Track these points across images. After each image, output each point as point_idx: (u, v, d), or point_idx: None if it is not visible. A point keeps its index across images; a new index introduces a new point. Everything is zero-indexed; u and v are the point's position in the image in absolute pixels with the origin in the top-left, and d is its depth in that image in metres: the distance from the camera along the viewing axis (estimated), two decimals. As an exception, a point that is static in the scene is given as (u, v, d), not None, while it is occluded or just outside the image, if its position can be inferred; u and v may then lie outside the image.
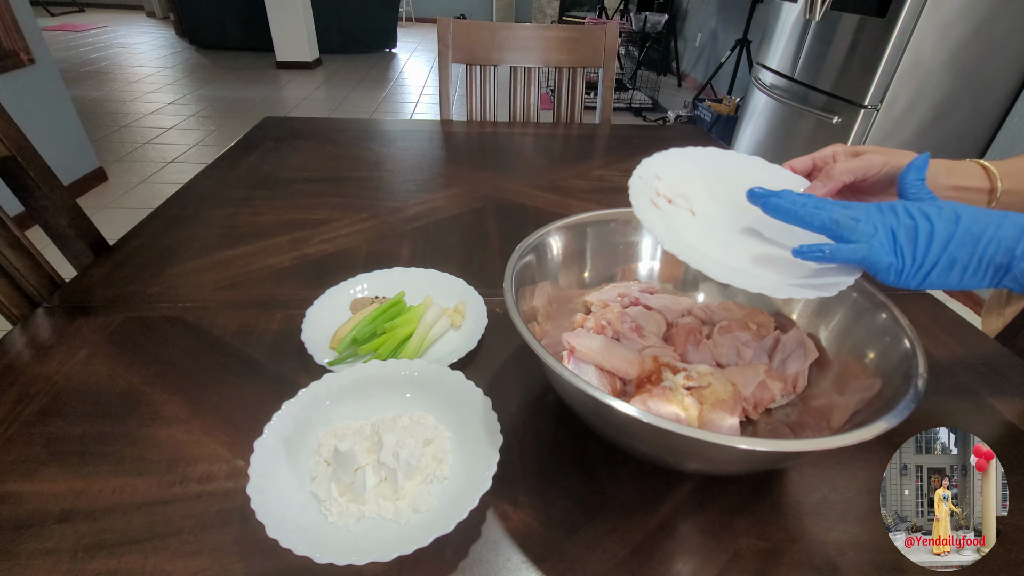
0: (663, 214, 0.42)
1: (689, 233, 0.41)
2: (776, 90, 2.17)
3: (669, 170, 0.46)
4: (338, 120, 1.22)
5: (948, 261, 0.33)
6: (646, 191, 0.42)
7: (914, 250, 0.33)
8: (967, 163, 0.45)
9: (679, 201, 0.44)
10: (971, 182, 0.44)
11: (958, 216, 0.33)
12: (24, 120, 0.73)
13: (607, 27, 1.24)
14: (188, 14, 4.89)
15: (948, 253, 0.33)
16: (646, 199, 0.42)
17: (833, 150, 0.46)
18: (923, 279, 0.34)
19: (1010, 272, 0.32)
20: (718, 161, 0.48)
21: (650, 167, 0.45)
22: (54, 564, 0.34)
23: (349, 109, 3.70)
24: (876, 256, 0.34)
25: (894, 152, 0.44)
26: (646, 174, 0.44)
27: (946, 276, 0.33)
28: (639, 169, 0.44)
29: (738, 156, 0.48)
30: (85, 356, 0.51)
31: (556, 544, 0.37)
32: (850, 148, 0.46)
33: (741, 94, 3.06)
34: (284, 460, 0.38)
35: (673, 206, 0.43)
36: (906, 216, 0.34)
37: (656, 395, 0.41)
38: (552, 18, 5.79)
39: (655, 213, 0.41)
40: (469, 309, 0.57)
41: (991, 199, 0.44)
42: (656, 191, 0.43)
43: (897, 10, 1.60)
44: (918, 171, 0.38)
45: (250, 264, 0.67)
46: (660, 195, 0.43)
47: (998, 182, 0.44)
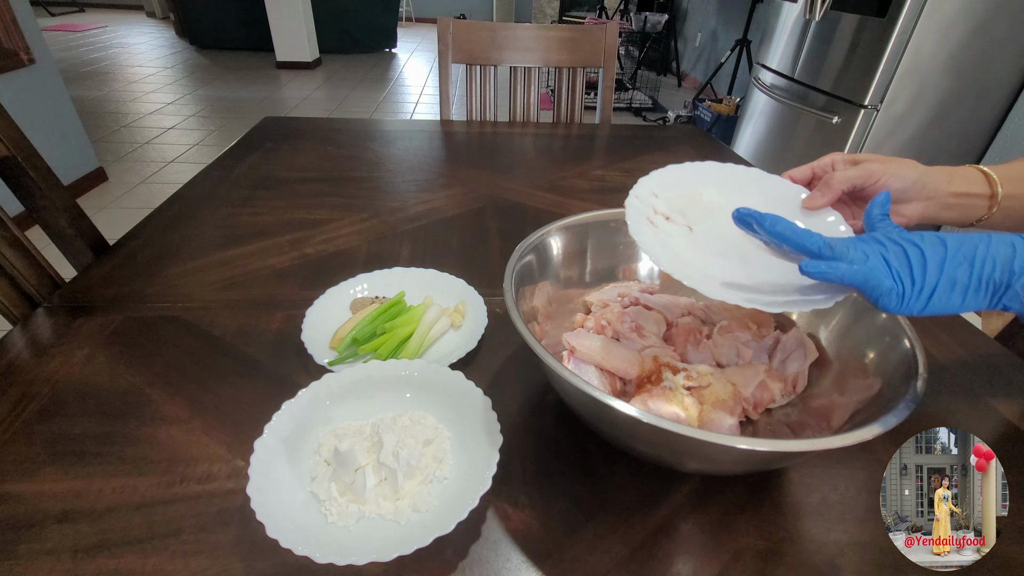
0: (660, 233, 0.42)
1: (685, 250, 0.41)
2: (776, 90, 2.17)
3: (666, 188, 0.46)
4: (338, 120, 1.22)
5: (948, 282, 0.32)
6: (643, 210, 0.43)
7: (911, 273, 0.32)
8: (966, 169, 0.45)
9: (676, 218, 0.44)
10: (972, 188, 0.44)
11: (943, 240, 0.33)
12: (24, 120, 0.73)
13: (607, 27, 1.24)
14: (188, 14, 4.88)
15: (946, 274, 0.32)
16: (643, 218, 0.42)
17: (832, 159, 0.46)
18: (926, 303, 0.32)
19: (1011, 288, 0.31)
20: (716, 175, 0.48)
21: (647, 186, 0.45)
22: (54, 564, 0.34)
23: (349, 109, 3.70)
24: (878, 279, 0.32)
25: (892, 161, 0.44)
26: (643, 193, 0.44)
27: (948, 298, 0.32)
28: (636, 188, 0.45)
29: (736, 169, 0.48)
30: (85, 356, 0.51)
31: (556, 544, 0.37)
32: (849, 156, 0.46)
33: (741, 94, 3.06)
34: (284, 460, 0.38)
35: (671, 223, 0.43)
36: (891, 243, 0.33)
37: (656, 395, 0.41)
38: (552, 18, 5.79)
39: (651, 233, 0.41)
40: (469, 309, 0.57)
41: (992, 204, 0.44)
42: (653, 209, 0.44)
43: (897, 10, 1.60)
44: (882, 206, 0.38)
45: (250, 264, 0.67)
46: (657, 212, 0.44)
47: (998, 187, 0.43)
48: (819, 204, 0.43)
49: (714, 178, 0.47)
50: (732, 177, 0.47)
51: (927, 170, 0.44)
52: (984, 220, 0.45)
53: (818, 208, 0.44)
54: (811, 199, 0.44)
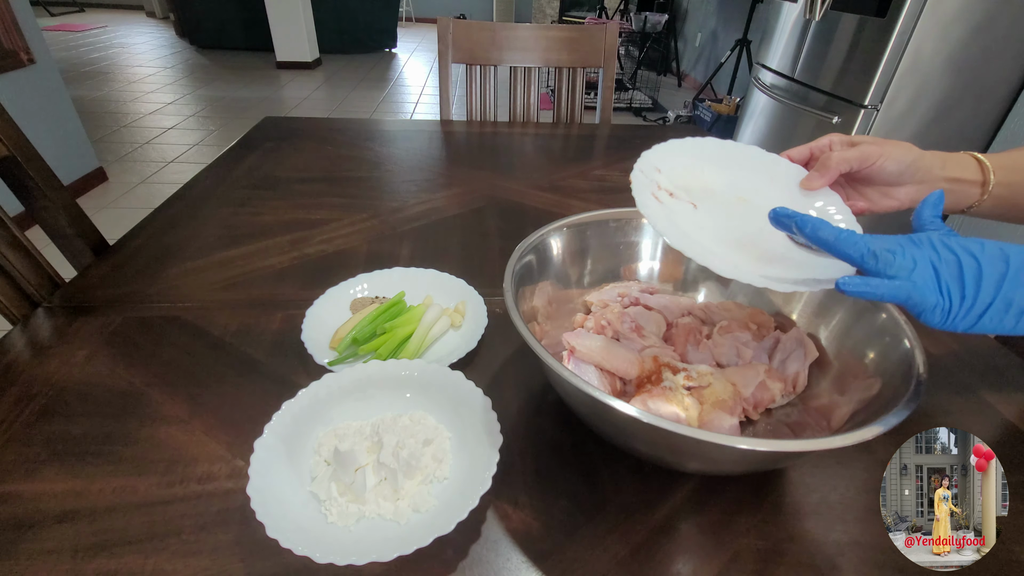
0: (666, 208, 0.42)
1: (691, 227, 0.41)
2: (776, 90, 2.17)
3: (668, 162, 0.46)
4: (338, 120, 1.22)
5: (1004, 303, 0.29)
6: (648, 185, 0.42)
7: (962, 289, 0.29)
8: (961, 155, 0.45)
9: (680, 194, 0.44)
10: (964, 174, 0.45)
11: (1006, 254, 0.30)
12: (24, 120, 0.73)
13: (607, 27, 1.24)
14: (188, 14, 4.88)
15: (1003, 294, 0.29)
16: (648, 193, 0.42)
17: (830, 139, 0.47)
18: (975, 321, 0.30)
19: None
20: (717, 152, 0.48)
21: (650, 160, 0.45)
22: (54, 564, 0.34)
23: (349, 109, 3.70)
24: (922, 295, 0.30)
25: (889, 143, 0.44)
26: (647, 167, 0.44)
27: (1002, 319, 0.30)
28: (640, 162, 0.44)
29: (736, 146, 0.49)
30: (85, 356, 0.51)
31: (556, 544, 0.36)
32: (846, 138, 0.46)
33: (741, 94, 3.06)
34: (284, 460, 0.38)
35: (675, 199, 0.43)
36: (946, 251, 0.30)
37: (656, 395, 0.41)
38: (552, 18, 5.79)
39: (658, 208, 0.41)
40: (469, 309, 0.57)
41: (983, 192, 0.45)
42: (657, 184, 0.43)
43: (897, 10, 1.60)
44: (934, 207, 0.36)
45: (250, 264, 0.67)
46: (661, 188, 0.43)
47: (991, 175, 0.44)
48: (816, 185, 0.44)
49: (714, 155, 0.48)
50: (732, 155, 0.48)
51: (922, 154, 0.44)
52: (974, 207, 0.46)
53: (815, 189, 0.44)
54: (808, 180, 0.44)
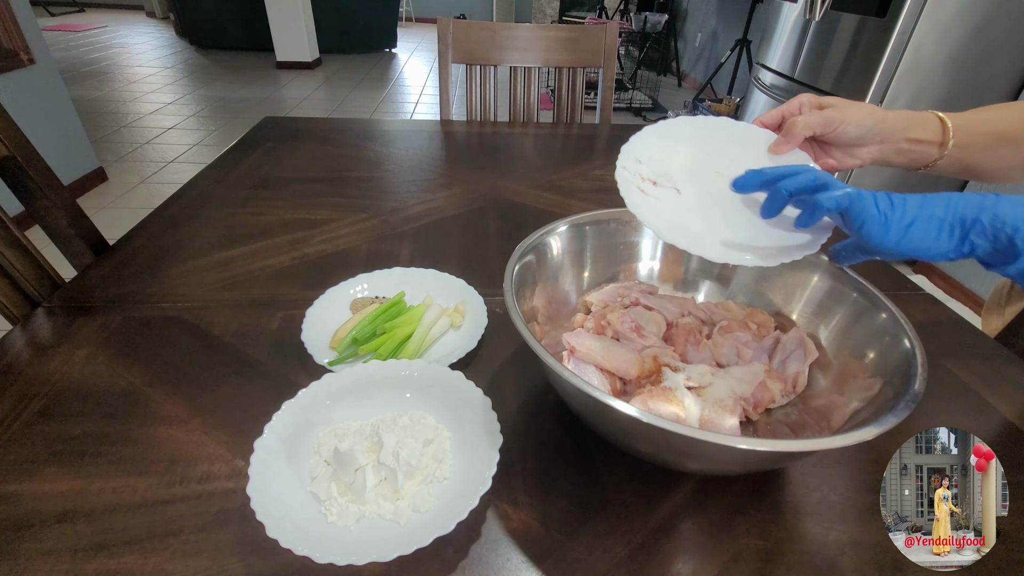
0: (652, 201, 0.43)
1: (678, 214, 0.43)
2: (776, 90, 2.17)
3: (646, 151, 0.47)
4: (338, 120, 1.22)
5: (927, 216, 0.34)
6: (632, 180, 0.44)
7: (892, 206, 0.35)
8: (926, 115, 0.47)
9: (663, 182, 0.46)
10: (926, 135, 0.47)
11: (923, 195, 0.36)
12: (24, 120, 0.73)
13: (607, 27, 1.24)
14: (188, 14, 4.88)
15: (925, 209, 0.35)
16: (634, 188, 0.43)
17: (799, 101, 0.49)
18: (905, 232, 0.35)
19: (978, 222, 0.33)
20: (687, 130, 0.50)
21: (629, 153, 0.46)
22: (54, 564, 0.34)
23: (349, 109, 3.70)
24: (863, 202, 0.36)
25: (852, 106, 0.47)
26: (628, 161, 0.46)
27: (926, 230, 0.34)
28: (621, 158, 0.46)
29: (706, 120, 0.50)
30: (85, 356, 0.51)
31: (556, 544, 0.36)
32: (816, 99, 0.49)
33: (741, 94, 3.06)
34: (284, 460, 0.38)
35: (658, 188, 0.45)
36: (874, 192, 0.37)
37: (656, 395, 0.41)
38: (552, 18, 5.79)
39: (645, 203, 0.43)
40: (469, 309, 0.57)
41: (941, 152, 0.47)
42: (640, 176, 0.45)
43: (897, 10, 1.60)
44: None
45: (250, 264, 0.67)
46: (645, 179, 0.45)
47: (950, 135, 0.46)
48: (783, 150, 0.47)
49: (687, 133, 0.49)
50: (703, 128, 0.50)
51: (885, 116, 0.46)
52: (930, 166, 0.48)
53: (782, 153, 0.47)
54: (776, 145, 0.47)
